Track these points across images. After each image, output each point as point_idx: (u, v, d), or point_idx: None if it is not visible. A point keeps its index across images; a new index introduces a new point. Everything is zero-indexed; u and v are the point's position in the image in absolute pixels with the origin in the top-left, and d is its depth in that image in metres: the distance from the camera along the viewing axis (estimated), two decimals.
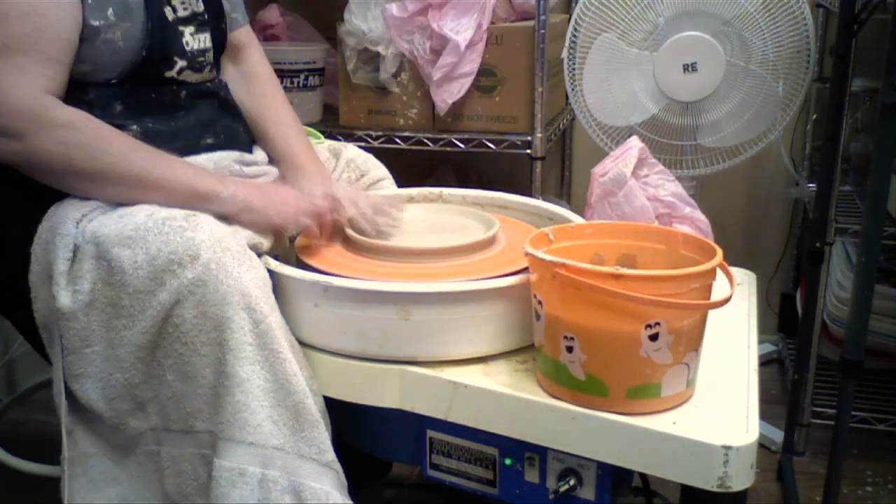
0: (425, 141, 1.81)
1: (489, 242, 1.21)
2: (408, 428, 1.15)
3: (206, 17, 1.22)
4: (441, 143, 1.80)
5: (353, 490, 1.06)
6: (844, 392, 1.25)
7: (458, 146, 1.80)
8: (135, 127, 1.11)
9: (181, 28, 1.17)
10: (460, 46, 1.66)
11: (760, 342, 1.49)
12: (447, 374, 1.03)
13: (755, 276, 1.34)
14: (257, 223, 1.10)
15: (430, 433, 1.12)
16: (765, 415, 1.33)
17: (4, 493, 1.54)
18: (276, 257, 1.13)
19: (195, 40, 1.20)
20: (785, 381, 2.04)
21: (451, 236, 1.24)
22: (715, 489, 0.89)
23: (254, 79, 1.35)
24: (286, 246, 1.21)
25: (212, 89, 1.25)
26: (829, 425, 1.48)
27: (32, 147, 1.00)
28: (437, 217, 1.34)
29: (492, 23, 1.73)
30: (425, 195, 1.42)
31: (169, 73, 1.17)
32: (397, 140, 1.81)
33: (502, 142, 1.77)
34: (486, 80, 1.75)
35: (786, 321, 2.19)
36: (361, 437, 1.25)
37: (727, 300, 0.93)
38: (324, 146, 1.44)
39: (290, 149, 1.30)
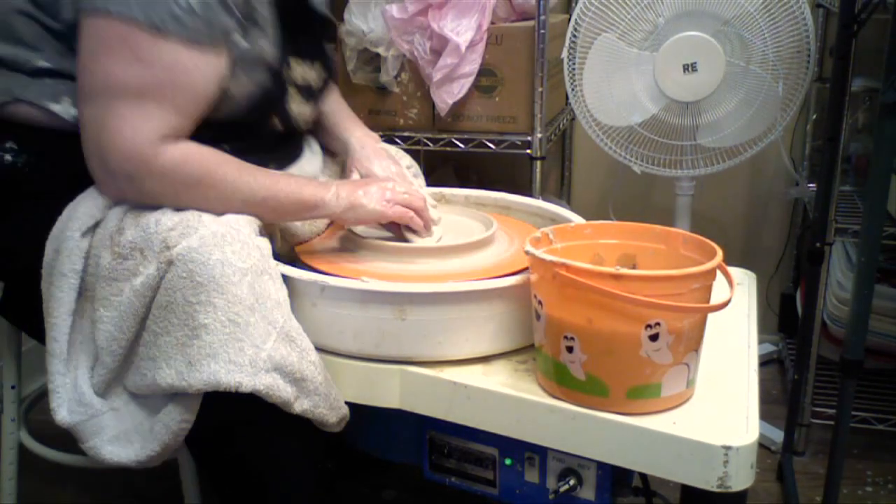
0: (425, 141, 1.81)
1: (488, 242, 1.21)
2: (408, 428, 1.15)
3: (315, 90, 1.23)
4: (441, 143, 1.80)
5: (353, 486, 1.05)
6: (844, 392, 1.25)
7: (458, 146, 1.79)
8: (225, 146, 1.09)
9: (290, 91, 1.17)
10: (461, 47, 1.66)
11: (760, 342, 1.49)
12: (447, 374, 1.03)
13: (755, 276, 1.34)
14: (361, 218, 1.16)
15: (430, 433, 1.12)
16: (765, 415, 1.33)
17: (34, 484, 1.57)
18: (276, 257, 1.13)
19: (298, 106, 1.20)
20: (785, 381, 2.04)
21: (452, 236, 1.24)
22: (715, 489, 0.89)
23: None
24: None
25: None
26: (829, 425, 1.48)
27: (141, 190, 1.01)
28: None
29: (492, 23, 1.72)
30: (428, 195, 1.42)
31: (265, 127, 1.18)
32: (397, 140, 1.81)
33: (502, 142, 1.77)
34: (486, 80, 1.75)
35: (786, 321, 2.19)
36: (361, 437, 1.25)
37: (726, 303, 0.93)
38: None
39: (340, 122, 1.37)
